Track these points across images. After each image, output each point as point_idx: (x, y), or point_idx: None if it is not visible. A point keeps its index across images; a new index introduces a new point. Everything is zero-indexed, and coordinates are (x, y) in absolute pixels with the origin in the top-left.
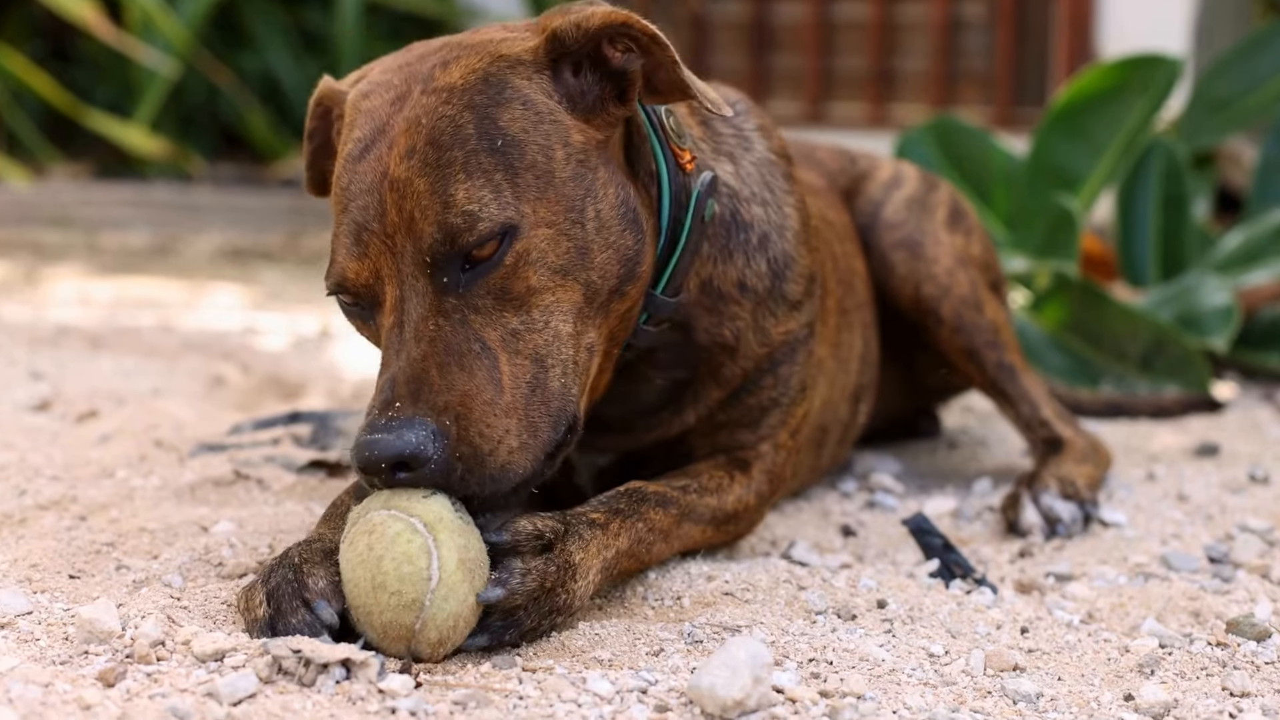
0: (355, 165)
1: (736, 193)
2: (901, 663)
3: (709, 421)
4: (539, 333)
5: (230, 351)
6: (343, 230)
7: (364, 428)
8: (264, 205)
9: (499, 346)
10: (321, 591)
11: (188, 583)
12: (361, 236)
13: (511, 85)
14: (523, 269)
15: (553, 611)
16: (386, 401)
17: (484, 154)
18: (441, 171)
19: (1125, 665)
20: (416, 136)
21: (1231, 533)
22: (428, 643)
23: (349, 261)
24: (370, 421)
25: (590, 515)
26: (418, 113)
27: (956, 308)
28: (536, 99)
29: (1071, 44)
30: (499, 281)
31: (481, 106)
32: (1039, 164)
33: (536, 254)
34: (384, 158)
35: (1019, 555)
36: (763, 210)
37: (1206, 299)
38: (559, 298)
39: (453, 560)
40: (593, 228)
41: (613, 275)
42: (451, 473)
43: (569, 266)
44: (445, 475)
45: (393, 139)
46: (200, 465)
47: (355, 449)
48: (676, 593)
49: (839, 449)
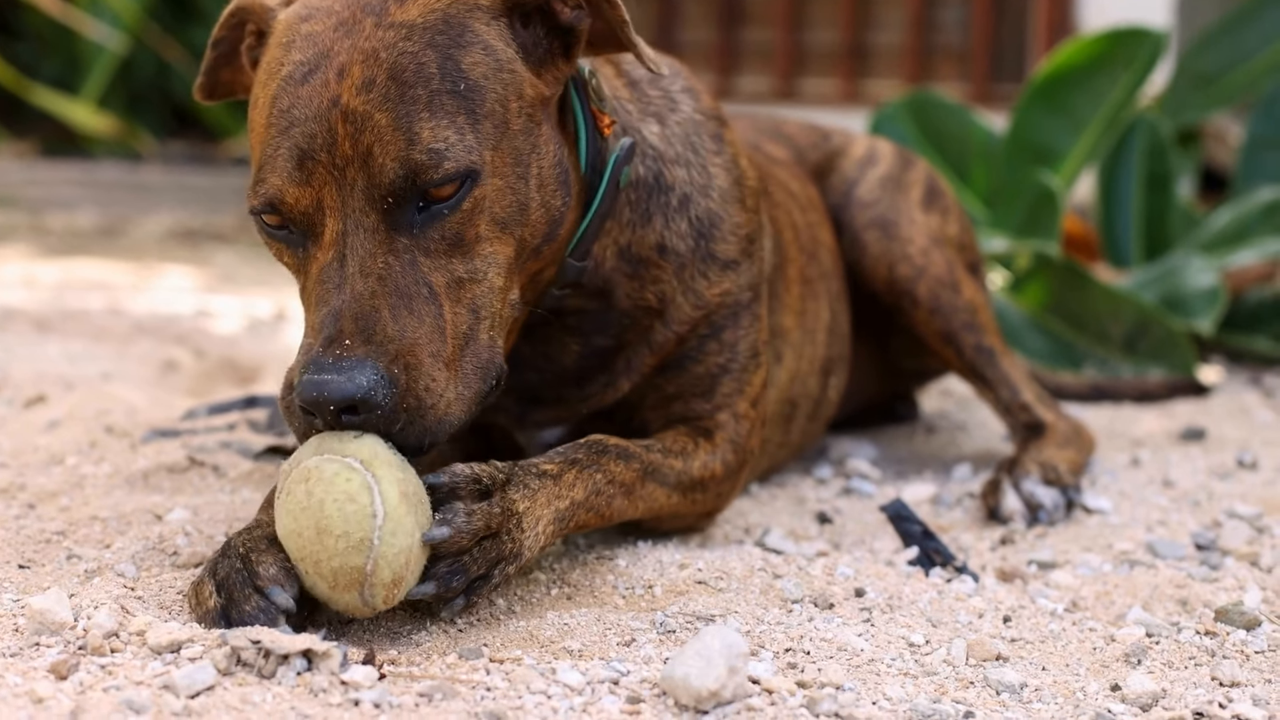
0: (298, 88)
1: (661, 154)
2: (881, 653)
3: (658, 393)
4: (478, 283)
5: (183, 335)
6: (281, 153)
7: (307, 364)
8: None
9: (444, 293)
10: (273, 577)
11: (141, 572)
12: (305, 163)
13: (471, 29)
14: (475, 216)
15: (500, 559)
16: (331, 338)
17: (447, 95)
18: (405, 108)
19: (1111, 655)
20: (375, 69)
21: (1219, 519)
22: (382, 584)
23: (289, 185)
24: (314, 358)
25: (542, 466)
26: (374, 45)
27: (932, 289)
28: (496, 45)
29: (1051, 17)
30: (454, 226)
31: (443, 47)
32: (1018, 141)
33: (487, 203)
34: (332, 85)
35: (1000, 543)
36: (685, 171)
37: (1192, 280)
38: (496, 250)
39: (394, 493)
40: (534, 184)
41: (540, 234)
42: (394, 422)
43: (509, 220)
44: (389, 424)
45: (342, 67)
46: (153, 451)
47: (300, 387)
48: (648, 581)
49: (810, 426)
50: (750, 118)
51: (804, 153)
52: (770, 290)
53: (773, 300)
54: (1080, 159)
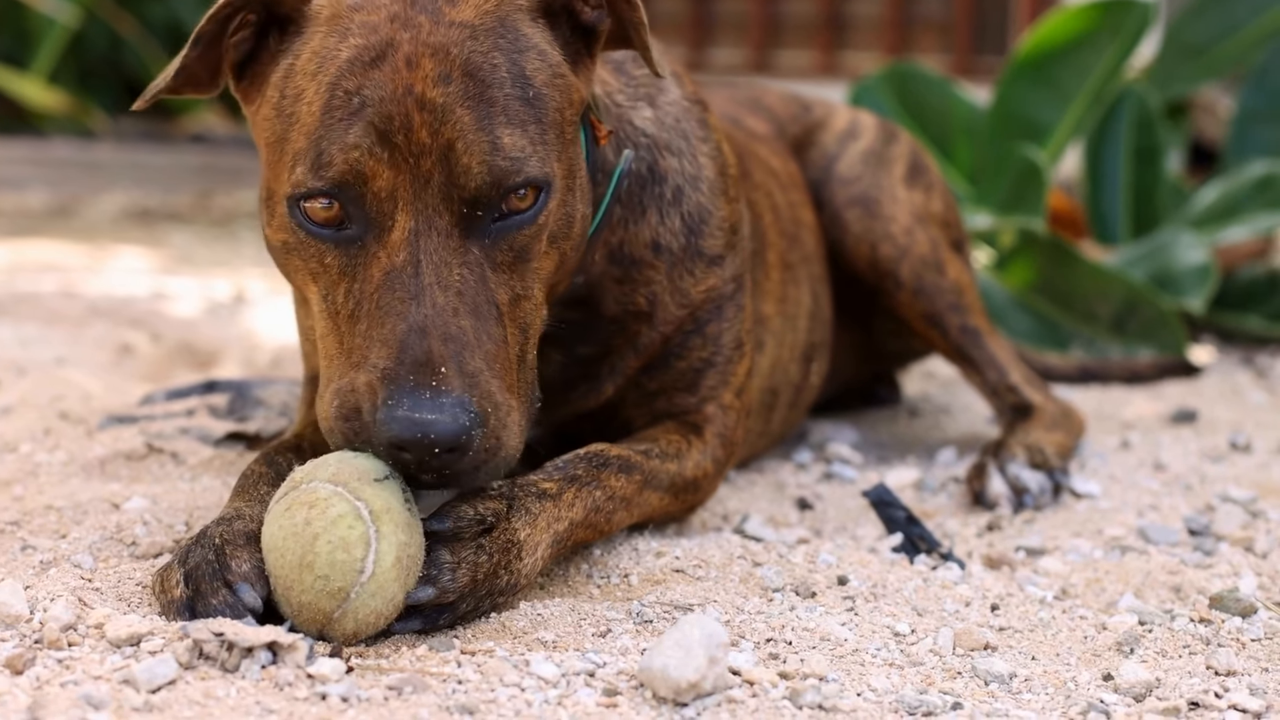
0: (367, 71)
1: (655, 141)
2: (865, 642)
3: (641, 391)
4: (528, 300)
5: (139, 318)
6: (355, 132)
7: (395, 393)
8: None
9: (506, 312)
10: (245, 575)
11: (99, 563)
12: (385, 143)
13: (523, 32)
14: (542, 230)
15: (493, 594)
16: (421, 362)
17: (518, 101)
18: (485, 108)
19: (1103, 643)
20: (448, 65)
21: (1212, 503)
22: (342, 632)
23: (369, 162)
24: (406, 388)
25: (541, 484)
26: (441, 40)
27: (916, 269)
28: (547, 50)
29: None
30: (524, 240)
31: (508, 50)
32: (1002, 115)
33: (550, 218)
34: (403, 73)
35: (987, 528)
36: (677, 161)
37: (1181, 257)
38: (543, 265)
39: (390, 557)
40: (578, 195)
41: (578, 248)
42: (477, 465)
43: (558, 234)
44: (473, 465)
45: (410, 58)
46: (110, 438)
47: (395, 422)
48: (624, 570)
49: (791, 413)
50: (729, 88)
51: (784, 126)
52: (750, 276)
53: (752, 287)
54: (1066, 133)
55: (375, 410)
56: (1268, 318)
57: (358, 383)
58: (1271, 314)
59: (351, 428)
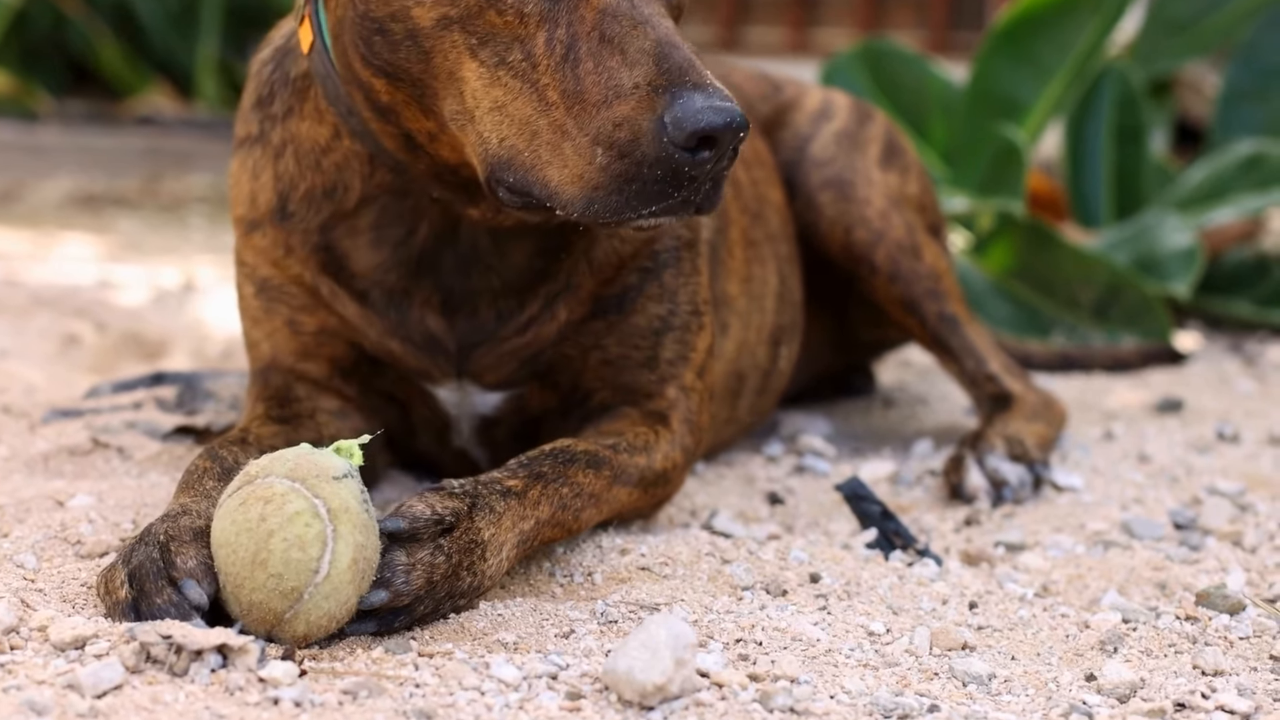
0: None
1: None
2: (838, 642)
3: (601, 353)
4: None
5: (84, 307)
6: None
7: (681, 88)
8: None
9: None
10: (190, 571)
11: (42, 563)
12: None
13: None
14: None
15: (454, 596)
16: (686, 65)
17: None
18: None
19: (1085, 642)
20: None
21: (1199, 496)
22: (292, 633)
23: None
24: (687, 84)
25: (506, 482)
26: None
27: (892, 254)
28: None
29: None
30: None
31: None
32: (979, 93)
33: None
34: None
35: (965, 523)
36: None
37: (1166, 240)
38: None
39: (346, 558)
40: None
41: None
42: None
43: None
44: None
45: None
46: (54, 433)
47: (701, 113)
48: (587, 568)
49: (759, 400)
50: None
51: (753, 104)
52: (712, 254)
53: (715, 265)
54: (1046, 112)
55: (663, 118)
56: (1256, 303)
57: (619, 114)
58: (1260, 299)
59: (633, 160)
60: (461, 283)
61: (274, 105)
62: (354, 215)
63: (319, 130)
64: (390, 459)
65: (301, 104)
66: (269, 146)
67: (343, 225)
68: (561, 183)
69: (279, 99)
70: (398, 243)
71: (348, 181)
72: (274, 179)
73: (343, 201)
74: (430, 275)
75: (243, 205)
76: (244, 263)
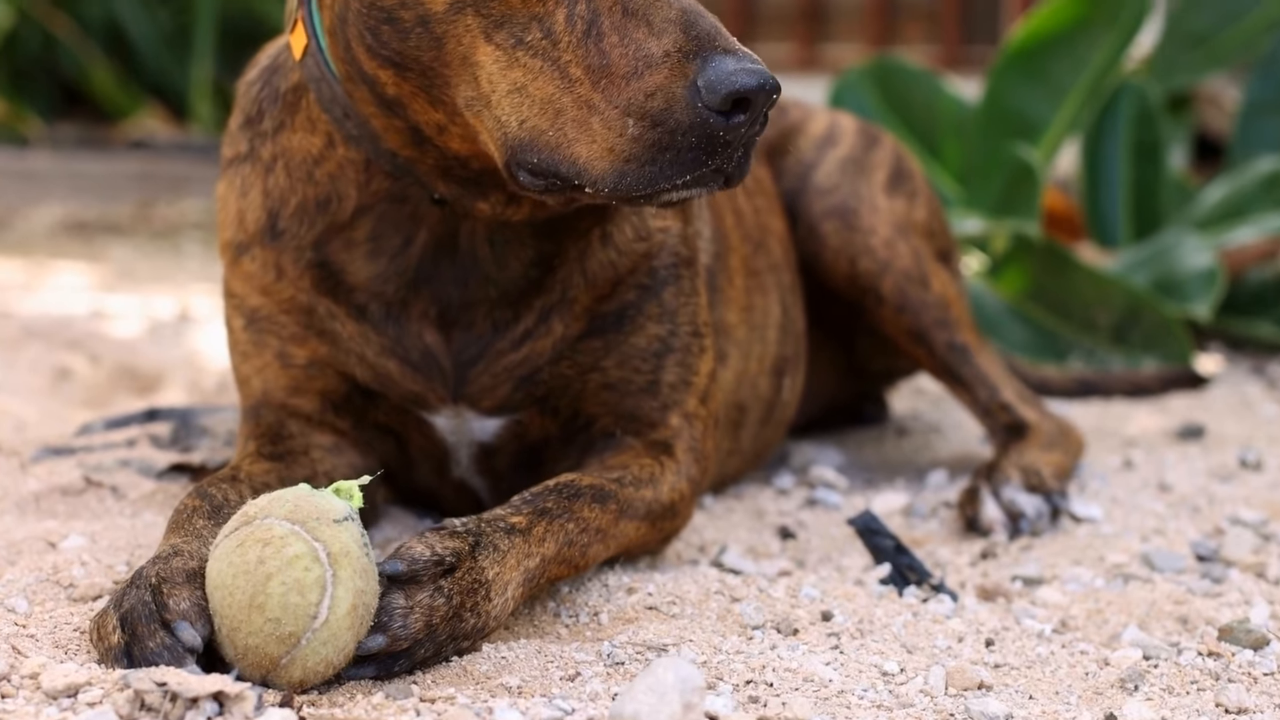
0: None
1: None
2: (851, 683)
3: (601, 376)
4: None
5: (76, 339)
6: None
7: (712, 53)
8: (110, 171)
9: None
10: (184, 612)
11: (34, 607)
12: None
13: None
14: None
15: (457, 638)
16: (713, 31)
17: None
18: None
19: (1105, 680)
20: None
21: (1221, 526)
22: (288, 679)
23: None
24: (717, 49)
25: (510, 519)
26: None
27: (898, 284)
28: None
29: None
30: None
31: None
32: (993, 111)
33: None
34: None
35: (981, 557)
36: None
37: (1186, 260)
38: None
39: (346, 603)
40: None
41: None
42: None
43: None
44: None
45: None
46: (45, 472)
47: (736, 75)
48: (593, 608)
49: (763, 431)
50: None
51: None
52: (711, 283)
53: (713, 294)
54: (1062, 129)
55: (696, 82)
56: (1278, 324)
57: (650, 83)
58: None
59: (666, 128)
60: (459, 293)
61: (263, 122)
62: (350, 226)
63: (311, 140)
64: (389, 494)
65: (292, 117)
66: (258, 163)
67: (338, 238)
68: (591, 158)
69: (268, 116)
70: (395, 252)
71: (342, 191)
72: (263, 195)
73: (338, 213)
74: (428, 285)
75: (230, 227)
76: (233, 294)
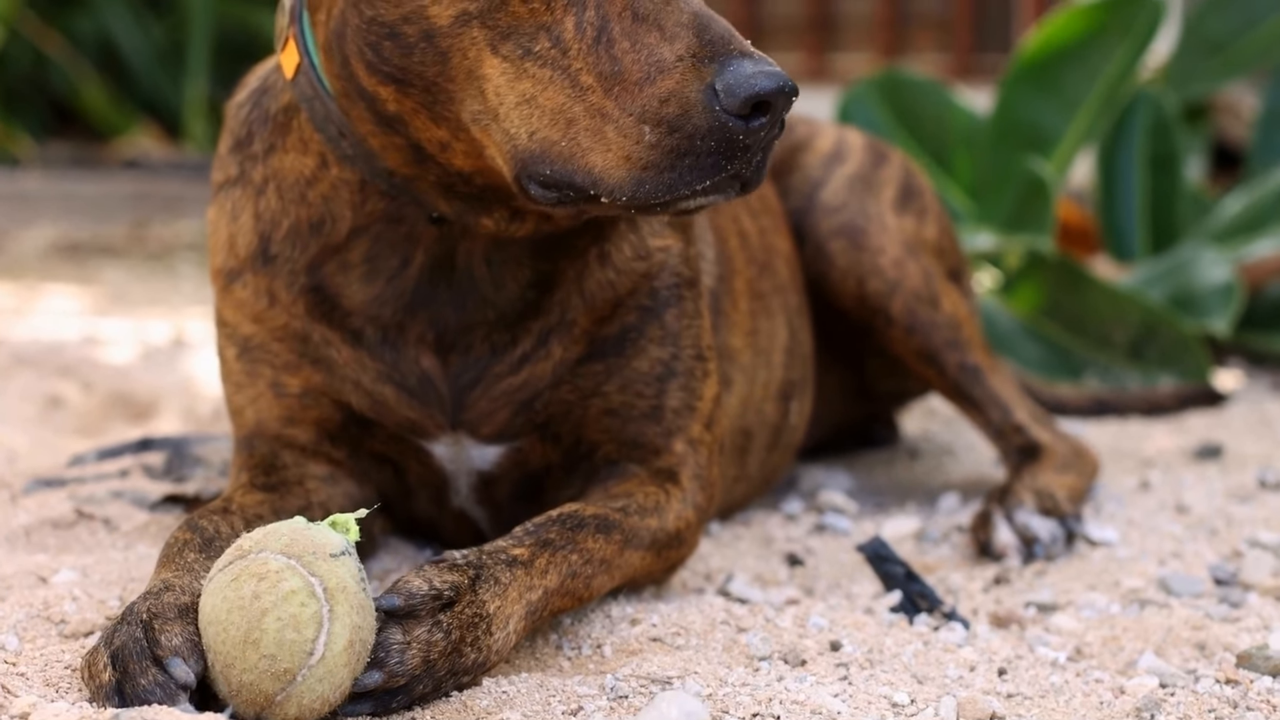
0: None
1: None
2: (860, 715)
3: (602, 401)
4: None
5: (68, 366)
6: None
7: (728, 56)
8: (103, 191)
9: None
10: (176, 648)
11: (25, 644)
12: None
13: None
14: None
15: (457, 673)
16: (727, 34)
17: None
18: None
19: (1121, 709)
20: None
21: (1240, 549)
22: (283, 717)
23: None
24: (733, 52)
25: (511, 551)
26: None
27: (908, 304)
28: None
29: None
30: None
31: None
32: (1004, 123)
33: None
34: None
35: (994, 583)
36: None
37: (1203, 274)
38: None
39: (342, 640)
40: None
41: None
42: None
43: None
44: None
45: None
46: (36, 504)
47: (755, 77)
48: (596, 640)
49: (770, 456)
50: None
51: None
52: (714, 306)
53: (717, 317)
54: (1075, 142)
55: (713, 86)
56: None
57: (665, 88)
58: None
59: (684, 134)
60: (456, 315)
61: (254, 145)
62: (345, 248)
63: (304, 161)
64: (386, 524)
65: (284, 138)
66: (249, 185)
67: (333, 261)
68: (607, 167)
69: (259, 138)
70: (392, 274)
71: (336, 212)
72: (254, 218)
73: (331, 235)
74: (425, 308)
75: (221, 253)
76: (225, 322)
